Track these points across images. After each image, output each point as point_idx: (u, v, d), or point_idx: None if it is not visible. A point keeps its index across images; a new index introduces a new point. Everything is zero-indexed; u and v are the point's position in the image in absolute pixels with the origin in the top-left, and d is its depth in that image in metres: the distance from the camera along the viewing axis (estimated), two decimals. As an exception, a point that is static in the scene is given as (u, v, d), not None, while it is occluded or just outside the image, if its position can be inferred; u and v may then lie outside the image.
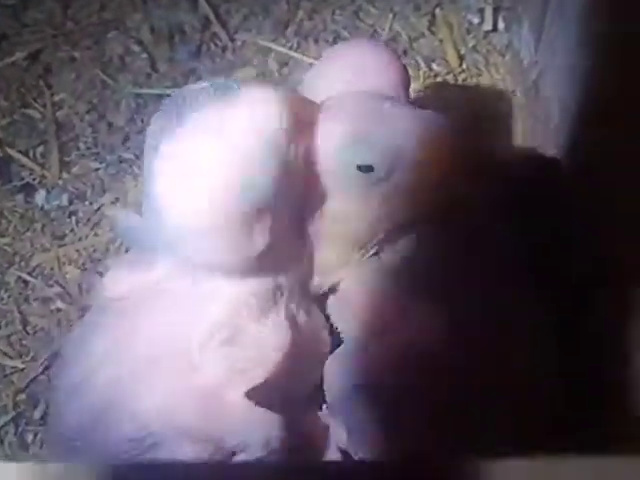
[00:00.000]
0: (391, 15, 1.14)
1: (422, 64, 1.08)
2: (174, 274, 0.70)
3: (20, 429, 0.83)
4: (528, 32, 0.98)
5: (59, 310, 0.90)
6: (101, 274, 0.77)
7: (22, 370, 0.86)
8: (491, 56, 1.10)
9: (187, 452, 0.69)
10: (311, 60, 1.10)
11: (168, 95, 0.66)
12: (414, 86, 0.93)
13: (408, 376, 0.67)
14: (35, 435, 0.84)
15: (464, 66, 1.09)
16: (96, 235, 0.96)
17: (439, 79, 1.08)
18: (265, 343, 0.68)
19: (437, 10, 1.14)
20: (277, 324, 0.69)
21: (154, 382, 0.67)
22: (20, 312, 0.90)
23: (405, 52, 1.09)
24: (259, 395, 0.69)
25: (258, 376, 0.68)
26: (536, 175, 0.87)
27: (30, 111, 1.05)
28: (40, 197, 0.99)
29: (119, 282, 0.72)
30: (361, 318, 0.71)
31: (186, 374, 0.67)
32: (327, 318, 0.75)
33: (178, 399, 0.66)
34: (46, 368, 0.87)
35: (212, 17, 1.14)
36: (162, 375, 0.67)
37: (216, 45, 1.12)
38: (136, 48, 1.11)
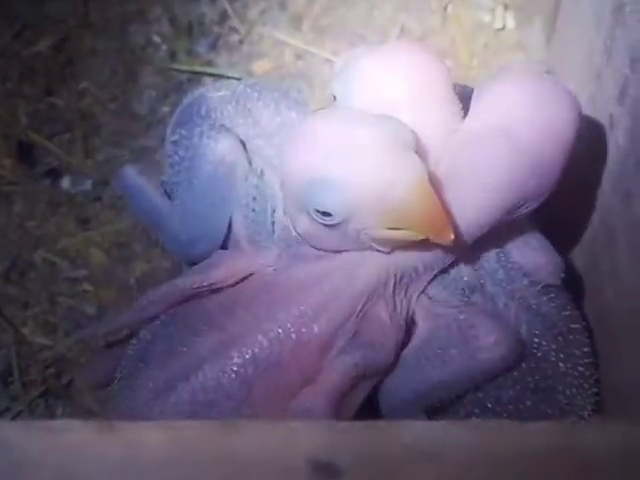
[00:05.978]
0: (404, 12, 1.17)
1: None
2: (277, 264, 0.72)
3: (49, 402, 0.87)
4: (540, 31, 1.01)
5: (86, 292, 0.94)
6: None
7: (51, 348, 0.90)
8: (501, 54, 1.14)
9: None
10: (326, 54, 1.14)
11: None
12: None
13: None
14: (63, 408, 0.87)
15: (474, 63, 1.12)
16: (120, 220, 1.00)
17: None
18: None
19: (449, 7, 1.18)
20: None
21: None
22: (48, 292, 0.94)
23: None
24: None
25: None
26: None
27: (54, 99, 1.08)
28: (66, 182, 1.02)
29: (224, 271, 0.73)
30: None
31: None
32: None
33: None
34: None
35: (230, 10, 1.17)
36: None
37: (233, 38, 1.16)
38: (157, 39, 1.15)
